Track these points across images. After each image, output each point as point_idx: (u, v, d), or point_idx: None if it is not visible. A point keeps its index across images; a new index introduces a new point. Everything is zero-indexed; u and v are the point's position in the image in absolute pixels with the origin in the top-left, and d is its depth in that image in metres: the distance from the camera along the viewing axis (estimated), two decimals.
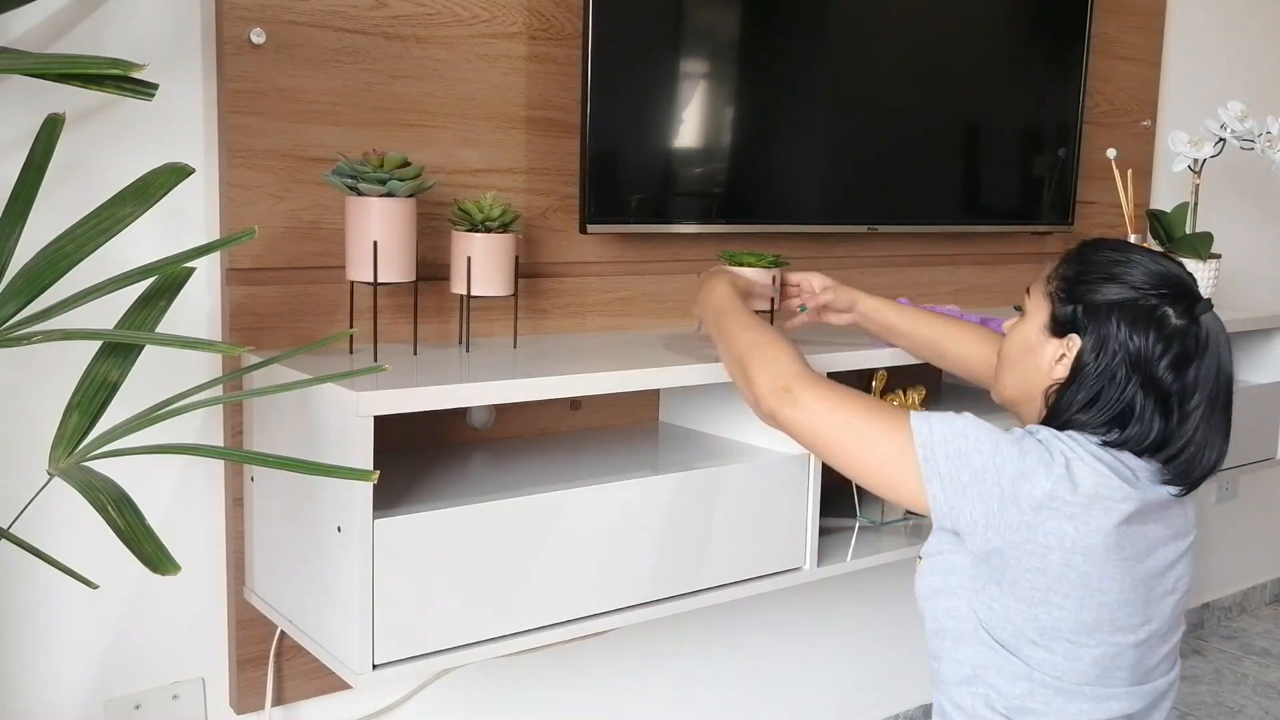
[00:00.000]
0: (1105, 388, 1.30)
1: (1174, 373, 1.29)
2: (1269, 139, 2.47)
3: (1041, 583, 1.27)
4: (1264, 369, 2.57)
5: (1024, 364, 1.40)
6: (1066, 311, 1.35)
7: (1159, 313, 1.29)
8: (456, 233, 1.63)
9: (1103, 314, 1.31)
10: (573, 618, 1.56)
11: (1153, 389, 1.29)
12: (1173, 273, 1.33)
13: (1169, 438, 1.30)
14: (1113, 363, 1.30)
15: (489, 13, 1.76)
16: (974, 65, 2.33)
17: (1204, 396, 1.30)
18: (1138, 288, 1.31)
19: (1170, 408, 1.30)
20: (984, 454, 1.28)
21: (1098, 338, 1.31)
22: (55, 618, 1.56)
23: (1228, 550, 3.41)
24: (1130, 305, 1.30)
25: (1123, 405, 1.29)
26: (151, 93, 1.27)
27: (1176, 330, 1.29)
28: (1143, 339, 1.29)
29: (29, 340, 1.17)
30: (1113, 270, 1.33)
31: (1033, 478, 1.26)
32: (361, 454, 1.36)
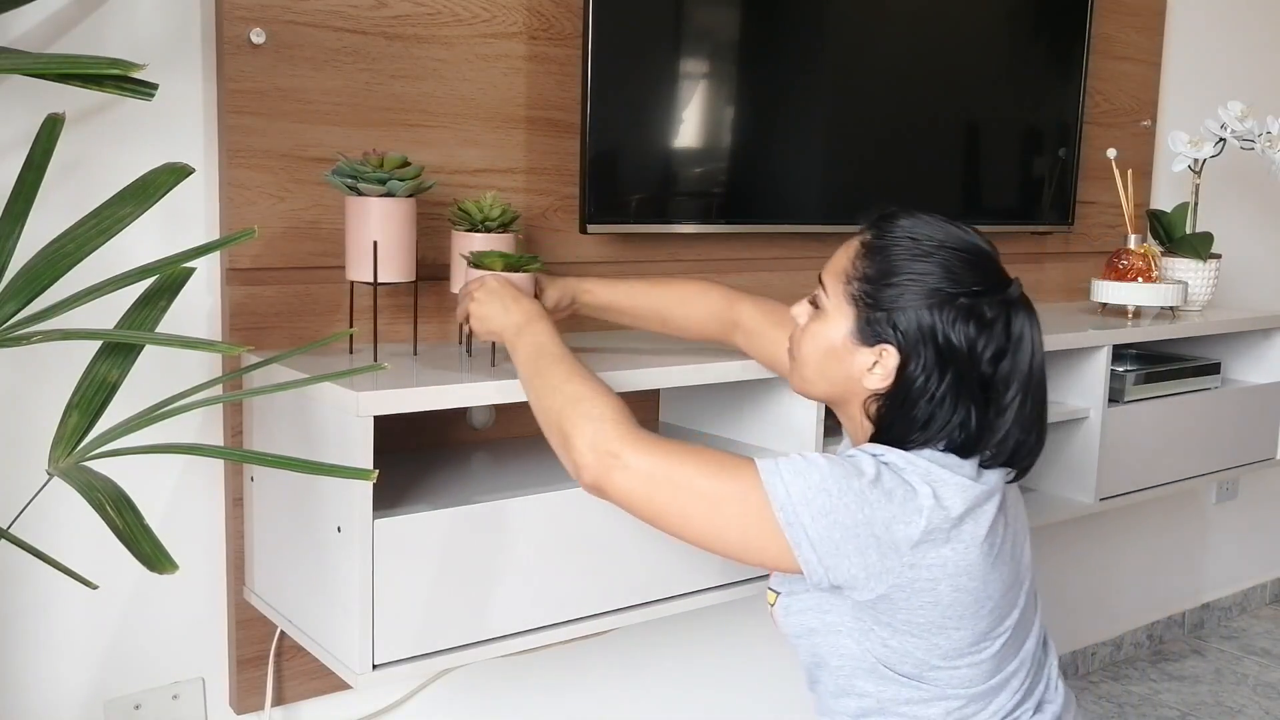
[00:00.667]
0: (936, 405, 1.22)
1: (993, 366, 1.22)
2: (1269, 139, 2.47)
3: (935, 614, 1.23)
4: (1264, 369, 2.57)
5: (830, 369, 1.30)
6: (876, 319, 1.25)
7: (975, 310, 1.22)
8: (456, 233, 1.63)
9: (918, 321, 1.22)
10: (572, 618, 1.56)
11: (977, 389, 1.23)
12: (978, 255, 1.25)
13: (991, 432, 1.24)
14: (938, 375, 1.22)
15: (489, 13, 1.76)
16: (974, 65, 2.33)
17: (1020, 385, 1.23)
18: (947, 285, 1.22)
19: (990, 402, 1.23)
20: (851, 508, 1.19)
21: (916, 350, 1.22)
22: (55, 618, 1.56)
23: (1228, 550, 3.41)
24: (945, 307, 1.22)
25: (956, 415, 1.23)
26: (151, 93, 1.27)
27: (991, 323, 1.22)
28: (962, 342, 1.21)
29: (29, 340, 1.17)
30: (917, 267, 1.23)
31: (906, 518, 1.19)
32: (361, 454, 1.36)
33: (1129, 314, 2.34)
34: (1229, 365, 2.58)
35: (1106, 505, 2.25)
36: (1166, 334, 2.29)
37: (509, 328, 1.41)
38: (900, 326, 1.23)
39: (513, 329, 1.40)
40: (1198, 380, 2.42)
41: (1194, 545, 3.30)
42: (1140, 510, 3.05)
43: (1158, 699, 2.94)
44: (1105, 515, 2.90)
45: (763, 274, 2.13)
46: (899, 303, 1.24)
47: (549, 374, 1.33)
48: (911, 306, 1.23)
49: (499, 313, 1.43)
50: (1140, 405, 2.28)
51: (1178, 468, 2.39)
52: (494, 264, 1.53)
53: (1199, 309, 2.50)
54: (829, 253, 2.22)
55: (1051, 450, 2.25)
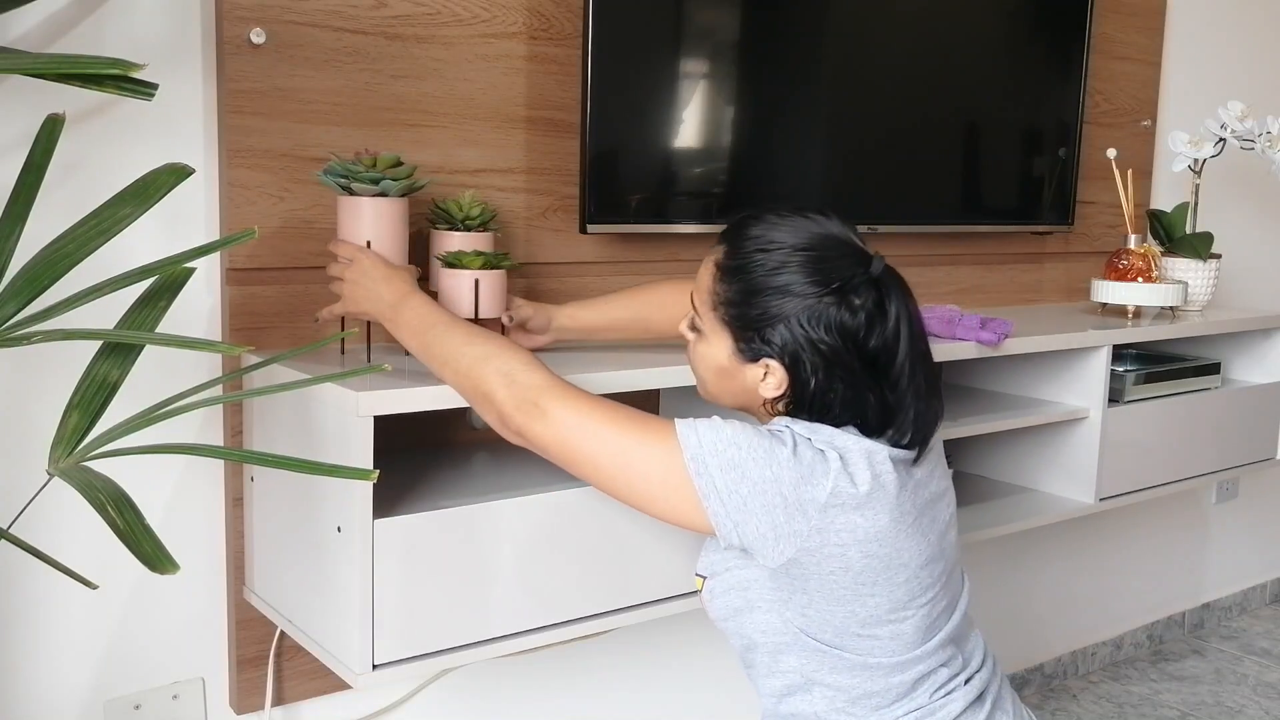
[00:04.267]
0: (835, 398, 1.24)
1: (876, 347, 1.23)
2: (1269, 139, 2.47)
3: (848, 580, 1.24)
4: (1264, 369, 2.57)
5: (728, 385, 1.33)
6: (750, 338, 1.26)
7: (844, 303, 1.22)
8: (436, 232, 1.64)
9: (791, 333, 1.23)
10: (572, 618, 1.56)
11: (867, 374, 1.24)
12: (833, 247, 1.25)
13: (892, 411, 1.25)
14: (825, 373, 1.23)
15: (489, 13, 1.76)
16: (974, 65, 2.33)
17: (905, 358, 1.24)
18: (810, 290, 1.23)
19: (880, 378, 1.24)
20: (760, 463, 1.20)
21: (798, 357, 1.24)
22: (55, 618, 1.56)
23: (1228, 550, 3.41)
24: (812, 311, 1.23)
25: (857, 402, 1.24)
26: (151, 93, 1.27)
27: (861, 308, 1.22)
28: (838, 337, 1.22)
29: (29, 340, 1.17)
30: (775, 281, 1.23)
31: (813, 479, 1.20)
32: (361, 454, 1.36)
33: (1129, 314, 2.34)
34: (1229, 365, 2.58)
35: (1106, 505, 2.25)
36: (1166, 334, 2.29)
37: (384, 306, 1.39)
38: (775, 341, 1.25)
39: (388, 307, 1.38)
40: (1198, 380, 2.42)
41: (1194, 545, 3.30)
42: (1140, 510, 3.05)
43: (1158, 699, 2.94)
44: (1105, 515, 2.90)
45: None
46: (766, 318, 1.25)
47: (446, 341, 1.33)
48: (779, 319, 1.24)
49: (371, 291, 1.41)
50: (1140, 405, 2.28)
51: (1178, 468, 2.39)
52: (471, 263, 1.54)
53: (1199, 309, 2.50)
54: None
55: (1051, 450, 2.25)
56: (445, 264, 1.56)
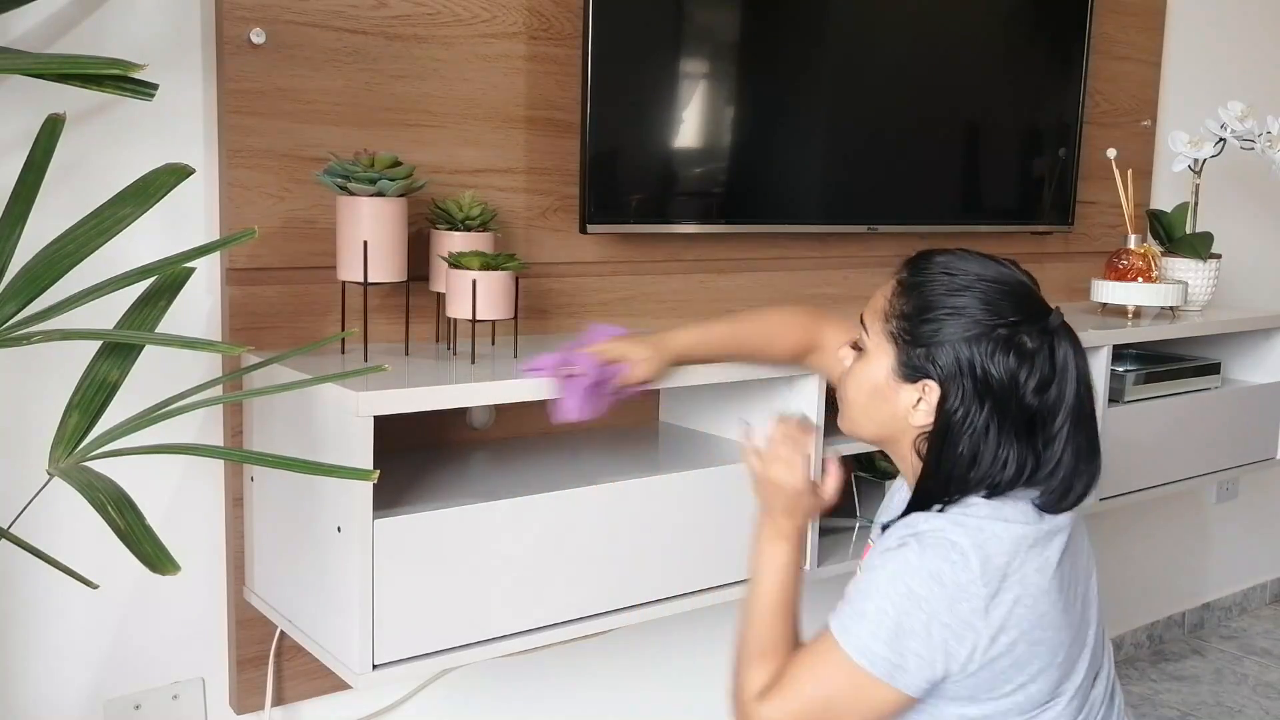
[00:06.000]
0: (980, 438, 1.21)
1: (1037, 397, 1.21)
2: (1269, 139, 2.47)
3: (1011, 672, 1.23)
4: (1264, 369, 2.57)
5: (877, 409, 1.30)
6: (916, 355, 1.24)
7: (1015, 340, 1.20)
8: (436, 232, 1.64)
9: (956, 355, 1.21)
10: (573, 618, 1.56)
11: (1022, 422, 1.21)
12: (1015, 287, 1.24)
13: (1039, 464, 1.23)
14: (978, 408, 1.21)
15: (489, 13, 1.76)
16: (974, 65, 2.33)
17: (1066, 415, 1.22)
18: (985, 317, 1.21)
19: (1035, 433, 1.22)
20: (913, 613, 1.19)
21: (957, 384, 1.21)
22: (55, 618, 1.56)
23: (1228, 550, 3.41)
24: (983, 339, 1.21)
25: (1000, 450, 1.21)
26: (151, 93, 1.27)
27: (1032, 353, 1.21)
28: (1003, 374, 1.20)
29: (29, 340, 1.17)
30: (953, 302, 1.23)
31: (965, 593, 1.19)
32: (361, 454, 1.36)
33: (1129, 314, 2.34)
34: (1229, 365, 2.58)
35: (1106, 505, 2.25)
36: (1166, 334, 2.29)
37: (775, 518, 1.36)
38: (940, 361, 1.23)
39: (771, 523, 1.36)
40: (1198, 380, 2.42)
41: (1194, 545, 3.30)
42: (1140, 510, 3.05)
43: (1158, 699, 2.94)
44: (1105, 515, 2.90)
45: (763, 274, 2.13)
46: (937, 337, 1.23)
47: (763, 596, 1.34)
48: (949, 340, 1.22)
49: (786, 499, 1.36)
50: (1140, 405, 2.28)
51: (1178, 468, 2.39)
52: (472, 264, 1.54)
53: (1199, 309, 2.50)
54: (829, 253, 2.23)
55: None
56: (450, 264, 1.56)
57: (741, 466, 1.70)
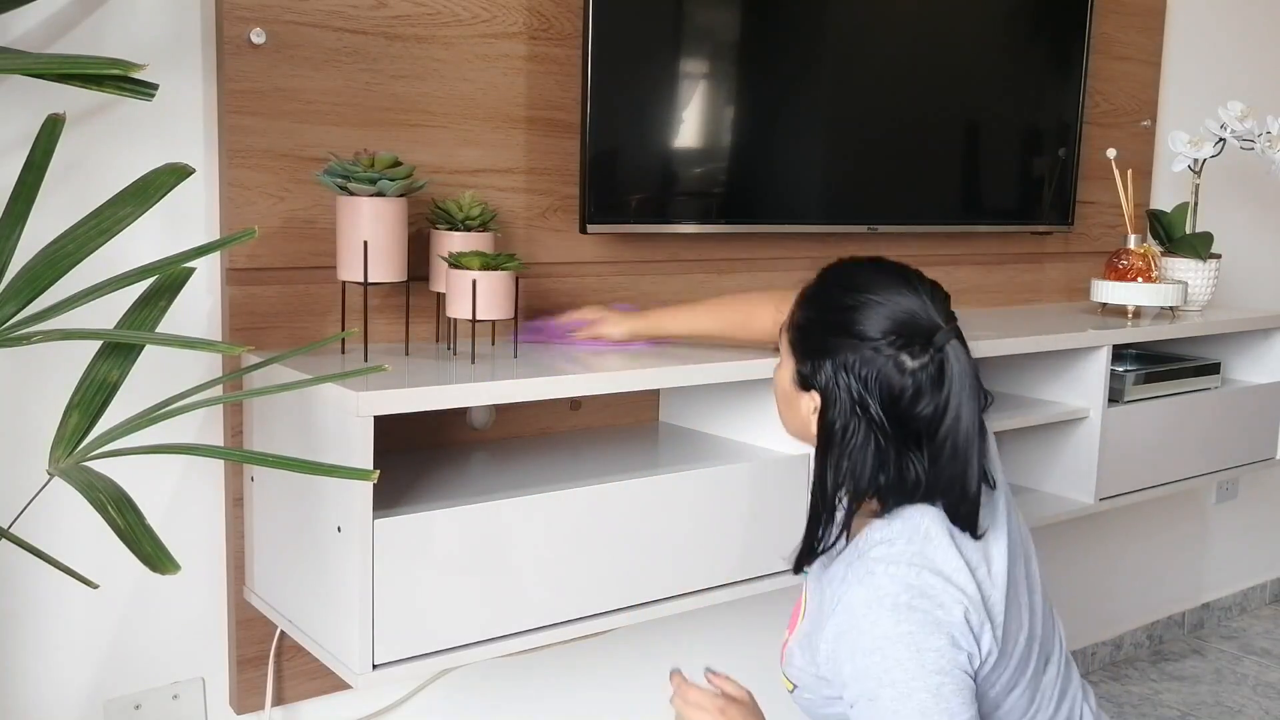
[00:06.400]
0: (854, 449, 1.23)
1: (917, 413, 1.22)
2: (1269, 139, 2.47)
3: None
4: (1264, 369, 2.57)
5: (789, 413, 1.34)
6: (806, 367, 1.28)
7: (895, 361, 1.22)
8: (436, 232, 1.64)
9: (835, 371, 1.24)
10: (573, 618, 1.56)
11: (903, 436, 1.23)
12: (906, 309, 1.24)
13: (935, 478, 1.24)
14: (859, 423, 1.23)
15: (489, 13, 1.76)
16: (974, 65, 2.33)
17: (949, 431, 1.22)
18: (869, 337, 1.23)
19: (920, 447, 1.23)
20: (911, 667, 1.17)
21: (833, 393, 1.24)
22: (55, 618, 1.56)
23: (1228, 550, 3.41)
24: (862, 360, 1.23)
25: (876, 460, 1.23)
26: (151, 93, 1.27)
27: (913, 371, 1.22)
28: (880, 391, 1.22)
29: (29, 340, 1.17)
30: (843, 318, 1.25)
31: (948, 616, 1.19)
32: (361, 454, 1.36)
33: (1129, 314, 2.34)
34: (1229, 365, 2.58)
35: (1106, 505, 2.25)
36: (1166, 334, 2.29)
37: None
38: (822, 374, 1.25)
39: None
40: (1198, 380, 2.42)
41: (1194, 545, 3.30)
42: (1140, 510, 3.05)
43: (1158, 699, 2.94)
44: (1105, 515, 2.90)
45: (763, 274, 2.13)
46: (820, 354, 1.26)
47: None
48: (831, 356, 1.25)
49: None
50: (1140, 405, 2.28)
51: (1178, 468, 2.39)
52: (472, 264, 1.53)
53: (1199, 309, 2.50)
54: (829, 253, 2.21)
55: (1051, 450, 2.25)
56: (450, 264, 1.56)
57: (741, 467, 1.71)
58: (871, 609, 1.18)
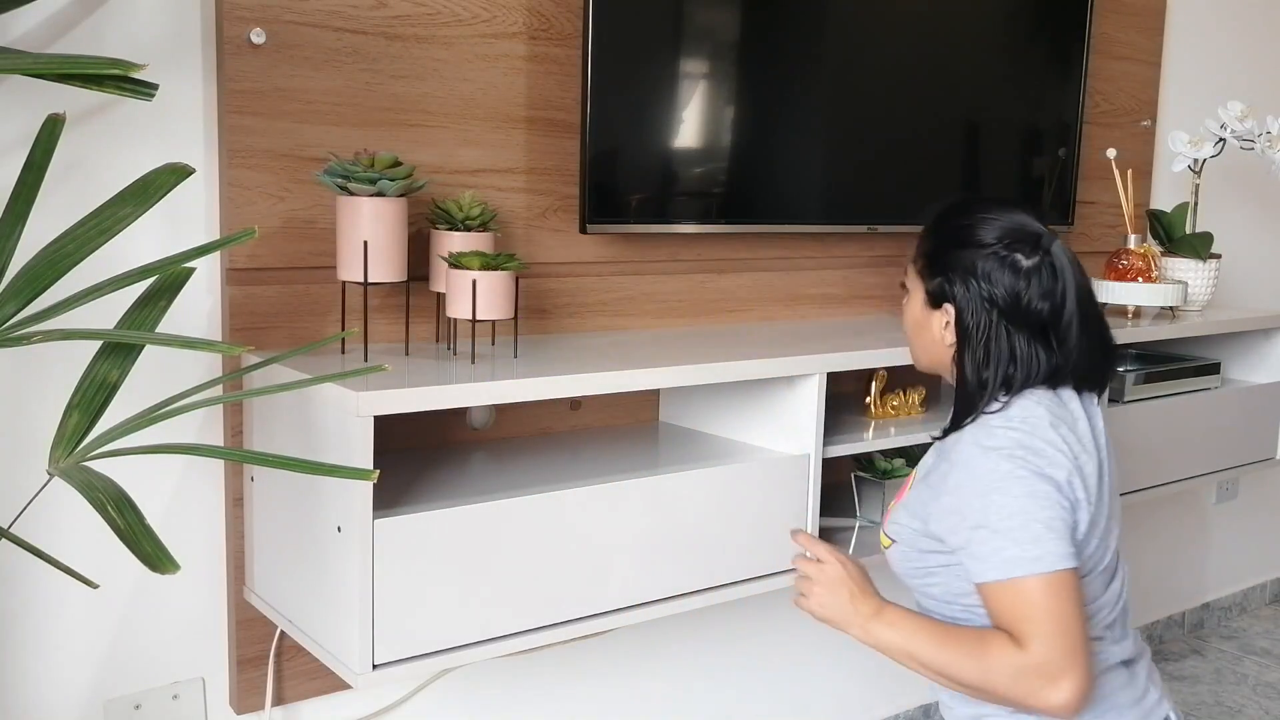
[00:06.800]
0: (989, 342, 1.40)
1: (1041, 304, 1.39)
2: (1269, 139, 2.47)
3: None
4: (1264, 369, 2.57)
5: (922, 338, 1.49)
6: (935, 284, 1.44)
7: (1011, 259, 1.39)
8: (436, 232, 1.64)
9: (964, 277, 1.41)
10: (573, 618, 1.56)
11: (1027, 325, 1.39)
12: (1014, 221, 1.43)
13: (1063, 360, 1.40)
14: (988, 316, 1.40)
15: (489, 13, 1.76)
16: (974, 65, 2.33)
17: (1071, 315, 1.40)
18: (987, 244, 1.41)
19: (1047, 334, 1.40)
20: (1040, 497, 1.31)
21: (965, 299, 1.41)
22: (55, 618, 1.56)
23: (1228, 550, 3.41)
24: (984, 261, 1.40)
25: (1010, 349, 1.39)
26: (151, 93, 1.27)
27: (1030, 269, 1.39)
28: (1004, 287, 1.39)
29: (29, 340, 1.17)
30: (961, 235, 1.43)
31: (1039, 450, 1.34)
32: (361, 454, 1.36)
33: (1129, 314, 2.34)
34: (1229, 365, 2.58)
35: None
36: (1166, 334, 2.29)
37: (858, 621, 1.43)
38: (953, 285, 1.42)
39: (861, 624, 1.42)
40: (1198, 380, 2.42)
41: (1194, 545, 3.30)
42: (1140, 510, 3.05)
43: None
44: None
45: (762, 274, 2.13)
46: (948, 267, 1.42)
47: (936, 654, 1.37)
48: (958, 267, 1.41)
49: (844, 607, 1.43)
50: (1140, 405, 2.27)
51: (1178, 468, 2.39)
52: (472, 264, 1.53)
53: (1199, 309, 2.50)
54: (829, 253, 2.24)
55: None
56: (450, 264, 1.56)
57: (741, 467, 1.71)
58: (989, 456, 1.34)
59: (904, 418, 2.03)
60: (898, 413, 2.04)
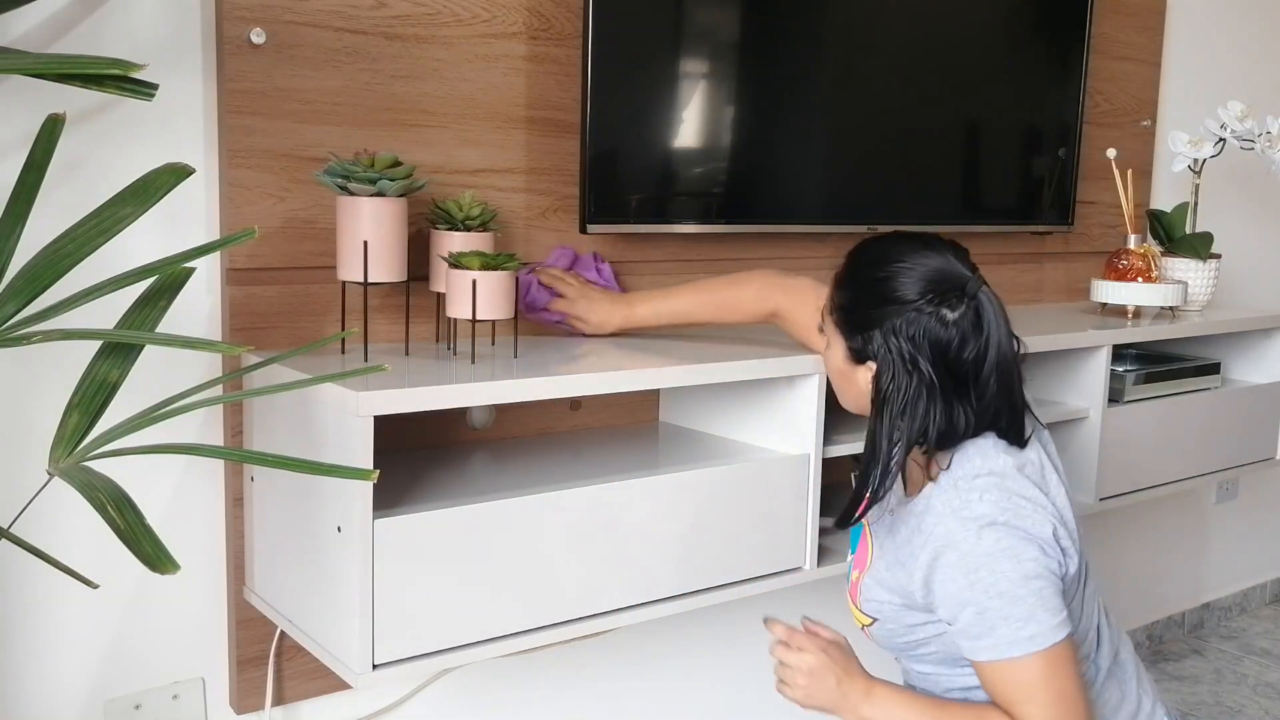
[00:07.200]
0: (910, 407, 1.34)
1: (969, 354, 1.35)
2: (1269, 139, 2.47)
3: None
4: (1264, 369, 2.57)
5: (847, 389, 1.45)
6: (856, 342, 1.40)
7: (937, 316, 1.34)
8: (436, 232, 1.64)
9: (884, 337, 1.35)
10: (573, 618, 1.56)
11: (953, 380, 1.34)
12: (934, 268, 1.36)
13: (983, 412, 1.36)
14: (909, 381, 1.34)
15: (489, 13, 1.76)
16: (974, 65, 2.33)
17: (992, 368, 1.35)
18: (908, 300, 1.34)
19: (969, 389, 1.35)
20: (1027, 569, 1.29)
21: (886, 360, 1.35)
22: (55, 618, 1.56)
23: (1228, 550, 3.41)
24: (907, 321, 1.34)
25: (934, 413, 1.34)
26: (151, 93, 1.27)
27: (955, 321, 1.34)
28: (929, 344, 1.34)
29: (29, 340, 1.17)
30: (880, 289, 1.36)
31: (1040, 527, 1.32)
32: (361, 454, 1.36)
33: (1129, 314, 2.34)
34: (1229, 365, 2.58)
35: (1106, 505, 2.25)
36: (1166, 334, 2.29)
37: (843, 708, 1.42)
38: (873, 343, 1.37)
39: (849, 710, 1.42)
40: (1198, 380, 2.42)
41: (1194, 545, 3.30)
42: (1140, 510, 3.05)
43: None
44: (1105, 515, 2.90)
45: None
46: (868, 324, 1.37)
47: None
48: (877, 324, 1.36)
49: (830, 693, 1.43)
50: (1140, 405, 2.27)
51: (1178, 468, 2.39)
52: (471, 264, 1.53)
53: (1199, 309, 2.50)
54: (829, 253, 2.23)
55: None
56: (450, 265, 1.56)
57: (741, 467, 1.71)
58: (970, 531, 1.30)
59: None
60: None
